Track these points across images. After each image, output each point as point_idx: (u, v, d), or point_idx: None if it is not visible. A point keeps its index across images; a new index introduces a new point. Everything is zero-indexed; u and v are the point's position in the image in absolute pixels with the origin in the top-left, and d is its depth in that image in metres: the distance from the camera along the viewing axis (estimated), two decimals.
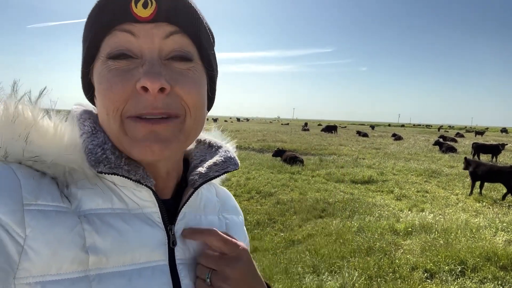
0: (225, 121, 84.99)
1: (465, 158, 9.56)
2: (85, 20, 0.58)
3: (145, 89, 0.51)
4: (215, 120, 76.86)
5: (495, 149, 15.20)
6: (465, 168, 9.37)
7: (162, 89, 0.52)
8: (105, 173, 0.53)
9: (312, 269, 4.37)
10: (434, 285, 4.10)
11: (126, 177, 0.54)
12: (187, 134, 0.58)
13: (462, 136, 36.99)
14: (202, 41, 0.59)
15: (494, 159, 15.22)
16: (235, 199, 0.85)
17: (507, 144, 16.43)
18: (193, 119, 0.57)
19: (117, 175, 0.53)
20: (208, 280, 0.59)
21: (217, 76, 0.67)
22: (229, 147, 0.76)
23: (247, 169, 11.43)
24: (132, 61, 0.53)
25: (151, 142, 0.53)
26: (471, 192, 8.83)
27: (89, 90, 0.61)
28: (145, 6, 0.52)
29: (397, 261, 4.62)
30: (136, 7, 0.52)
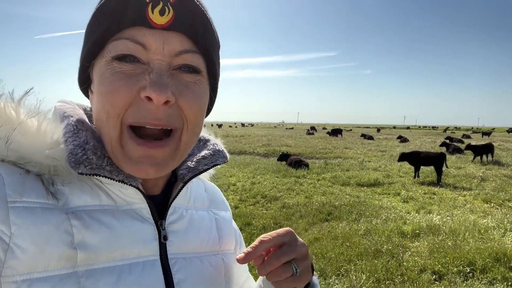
0: (230, 126, 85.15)
1: (401, 152, 11.85)
2: (84, 31, 0.56)
3: (149, 98, 0.50)
4: (219, 126, 77.01)
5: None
6: (399, 160, 11.73)
7: (166, 102, 0.51)
8: (85, 174, 0.52)
9: (319, 272, 4.35)
10: (443, 287, 4.05)
11: (108, 177, 0.53)
12: (183, 150, 0.58)
13: (468, 137, 36.68)
14: (213, 56, 0.58)
15: (491, 157, 15.27)
16: (241, 204, 0.84)
17: None
18: (189, 133, 0.57)
19: (99, 175, 0.52)
20: (296, 270, 0.58)
21: (217, 88, 0.66)
22: (217, 140, 0.75)
23: (252, 173, 11.43)
24: (138, 65, 0.52)
25: (146, 165, 0.52)
26: (415, 176, 11.04)
27: (84, 82, 0.60)
28: (162, 13, 0.51)
29: (405, 263, 4.58)
30: (153, 13, 0.50)
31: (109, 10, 0.52)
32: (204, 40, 0.55)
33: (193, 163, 0.67)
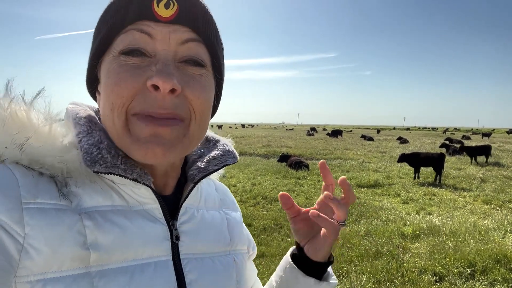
0: (230, 127, 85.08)
1: (401, 154, 11.89)
2: (86, 31, 0.58)
3: (155, 87, 0.51)
4: (219, 126, 76.99)
5: None
6: (399, 161, 11.74)
7: (172, 90, 0.51)
8: (101, 173, 0.52)
9: None
10: None
11: (123, 176, 0.54)
12: (191, 139, 0.57)
13: (468, 138, 36.73)
14: (217, 50, 0.59)
15: (487, 159, 15.32)
16: (241, 205, 0.85)
17: None
18: (197, 124, 0.57)
19: (114, 174, 0.53)
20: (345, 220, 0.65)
21: (223, 84, 0.67)
22: (226, 141, 0.76)
23: (252, 174, 11.43)
24: (145, 58, 0.53)
25: (154, 144, 0.52)
26: (415, 177, 11.07)
27: (92, 83, 0.61)
28: (167, 6, 0.52)
29: (405, 264, 4.59)
30: (158, 7, 0.52)
31: (116, 7, 0.54)
32: (207, 33, 0.57)
33: (204, 163, 0.68)
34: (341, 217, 0.65)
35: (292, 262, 0.71)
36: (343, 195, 0.66)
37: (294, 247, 0.75)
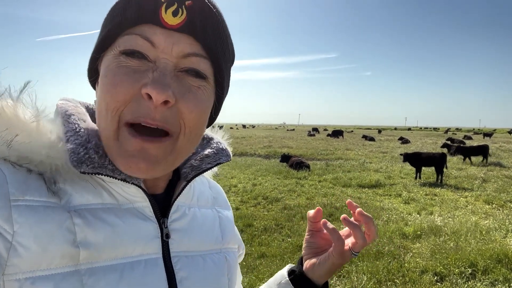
0: (231, 128, 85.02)
1: (405, 153, 11.79)
2: (88, 32, 0.57)
3: (149, 96, 0.50)
4: (220, 127, 76.76)
5: None
6: (404, 161, 11.64)
7: (166, 102, 0.50)
8: (88, 173, 0.51)
9: None
10: None
11: (111, 176, 0.53)
12: (177, 154, 0.56)
13: (470, 138, 36.67)
14: (221, 64, 0.58)
15: (484, 160, 15.26)
16: (242, 205, 0.84)
17: None
18: (186, 139, 0.56)
19: (101, 174, 0.52)
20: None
21: (225, 98, 0.65)
22: (220, 139, 0.75)
23: (253, 175, 11.44)
24: (144, 62, 0.52)
25: (139, 159, 0.51)
26: (416, 177, 11.18)
27: (93, 74, 0.60)
28: (175, 14, 0.51)
29: (406, 264, 4.58)
30: (166, 13, 0.51)
31: (124, 6, 0.53)
32: (214, 47, 0.55)
33: (197, 161, 0.67)
34: (357, 247, 0.66)
35: (288, 278, 0.72)
36: (365, 230, 0.68)
37: (291, 264, 0.77)
